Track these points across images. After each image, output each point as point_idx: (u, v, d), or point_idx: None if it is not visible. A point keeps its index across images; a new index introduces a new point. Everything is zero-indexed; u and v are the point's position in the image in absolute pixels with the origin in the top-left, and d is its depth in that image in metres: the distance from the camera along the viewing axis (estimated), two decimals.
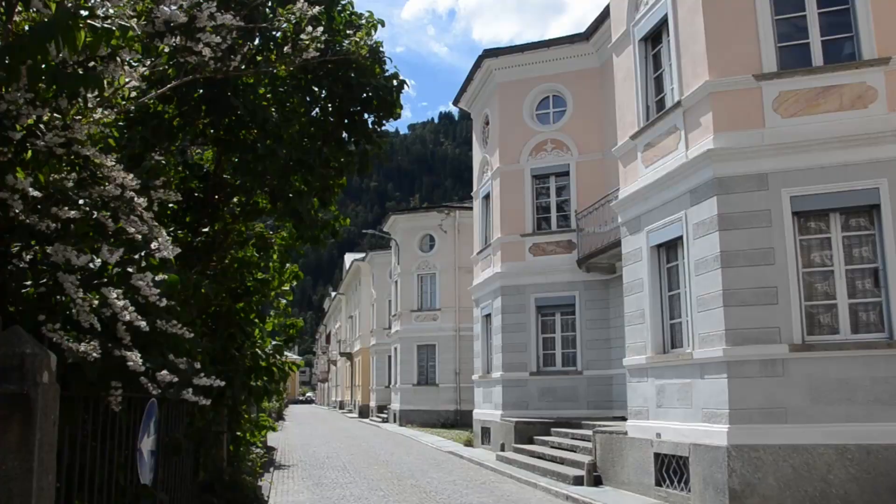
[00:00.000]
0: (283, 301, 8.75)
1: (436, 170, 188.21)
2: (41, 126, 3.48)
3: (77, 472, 3.61)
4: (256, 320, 7.57)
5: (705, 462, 10.00)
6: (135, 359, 3.47)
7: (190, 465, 6.05)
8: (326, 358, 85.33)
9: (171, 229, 6.09)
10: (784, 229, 9.84)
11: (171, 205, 5.46)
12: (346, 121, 6.98)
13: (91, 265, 3.52)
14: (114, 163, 3.78)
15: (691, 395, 10.61)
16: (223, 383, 4.14)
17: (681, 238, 11.20)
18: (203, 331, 6.28)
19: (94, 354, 3.28)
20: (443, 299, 35.79)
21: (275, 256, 8.27)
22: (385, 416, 40.14)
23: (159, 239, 3.82)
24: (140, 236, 3.76)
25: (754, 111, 10.27)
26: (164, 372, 3.69)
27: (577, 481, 13.03)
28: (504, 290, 20.04)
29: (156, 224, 3.89)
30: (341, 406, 66.46)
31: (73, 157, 3.66)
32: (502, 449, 18.09)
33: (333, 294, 77.54)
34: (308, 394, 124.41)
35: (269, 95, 6.55)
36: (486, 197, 22.40)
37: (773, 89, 10.24)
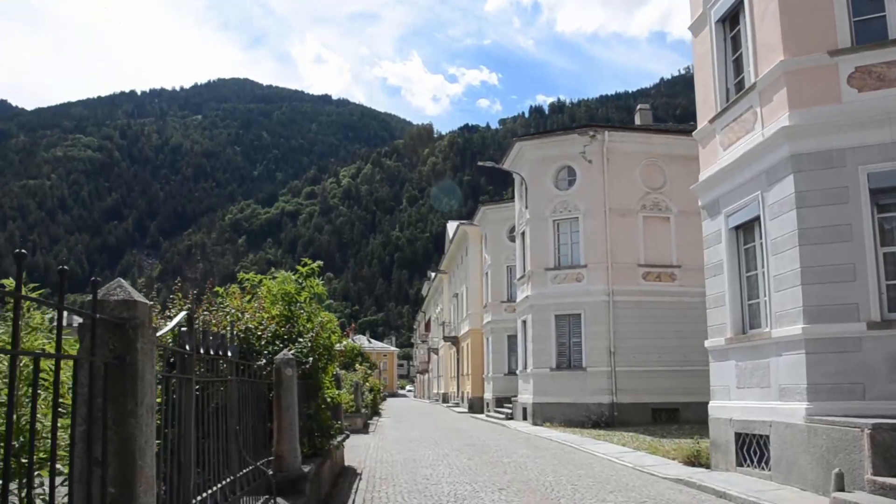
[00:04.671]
0: None
1: None
2: None
3: None
4: None
5: None
6: None
7: None
8: (426, 347, 77.01)
9: None
10: None
11: None
12: None
13: None
14: None
15: None
16: None
17: None
18: None
19: None
20: (589, 253, 26.03)
21: None
22: (508, 410, 30.71)
23: None
24: None
25: None
26: None
27: None
28: (797, 163, 10.19)
29: None
30: (444, 399, 57.48)
31: None
32: (839, 485, 8.35)
33: (433, 275, 68.63)
34: (408, 387, 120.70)
35: None
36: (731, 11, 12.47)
37: None
